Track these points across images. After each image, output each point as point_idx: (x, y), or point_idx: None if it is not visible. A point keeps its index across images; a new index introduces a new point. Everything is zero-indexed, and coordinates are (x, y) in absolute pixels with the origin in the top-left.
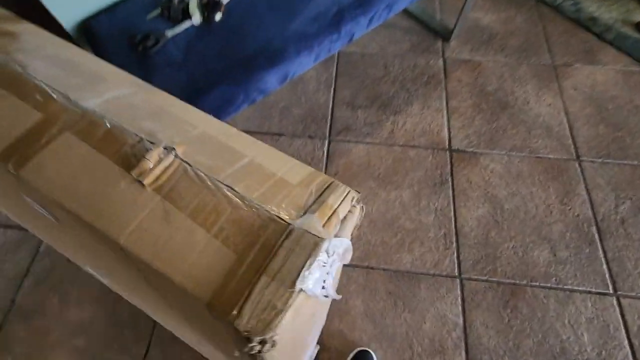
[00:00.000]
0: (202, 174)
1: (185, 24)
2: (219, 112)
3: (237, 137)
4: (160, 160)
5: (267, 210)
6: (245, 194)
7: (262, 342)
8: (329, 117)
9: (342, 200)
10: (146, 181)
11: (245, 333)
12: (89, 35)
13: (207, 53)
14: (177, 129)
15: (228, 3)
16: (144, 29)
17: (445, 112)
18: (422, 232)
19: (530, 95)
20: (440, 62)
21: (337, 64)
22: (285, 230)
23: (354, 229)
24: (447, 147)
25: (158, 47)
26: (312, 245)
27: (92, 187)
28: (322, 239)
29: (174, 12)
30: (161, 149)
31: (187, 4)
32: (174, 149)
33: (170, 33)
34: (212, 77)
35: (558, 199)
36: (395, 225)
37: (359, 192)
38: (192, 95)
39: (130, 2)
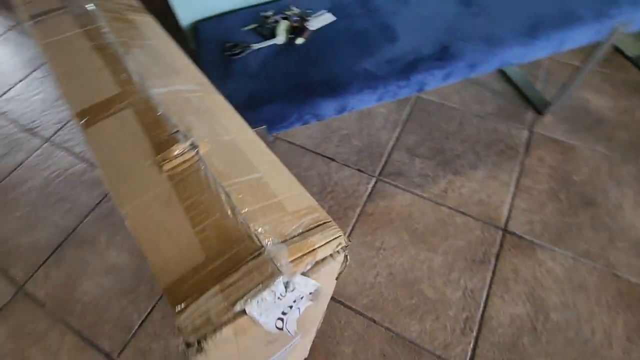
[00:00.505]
0: (210, 176)
1: (270, 42)
2: (271, 124)
3: (261, 153)
4: (183, 153)
5: (249, 227)
6: (238, 205)
7: (188, 344)
8: (385, 157)
9: (326, 242)
10: (165, 167)
11: (179, 329)
12: (196, 34)
13: (278, 70)
14: (212, 130)
15: (314, 31)
16: (237, 38)
17: (512, 188)
18: (441, 306)
19: (627, 201)
20: (525, 134)
21: (411, 108)
22: (255, 251)
23: (338, 274)
24: (502, 226)
25: (241, 55)
26: (268, 274)
27: (125, 159)
28: (279, 272)
29: (265, 30)
30: (188, 143)
31: (277, 25)
32: (197, 147)
33: (255, 46)
34: (273, 92)
35: (625, 333)
36: (414, 288)
37: (350, 241)
38: (253, 103)
39: (234, 14)
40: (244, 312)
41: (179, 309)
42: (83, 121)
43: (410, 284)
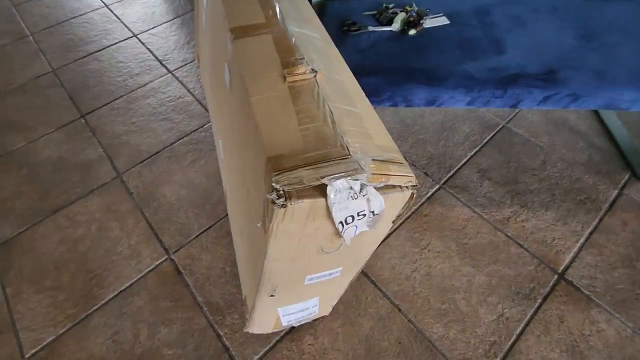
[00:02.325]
0: (321, 95)
1: (385, 28)
2: (366, 95)
3: (362, 98)
4: (304, 73)
5: (342, 138)
6: (338, 122)
7: (279, 196)
8: (454, 170)
9: (400, 175)
10: (288, 78)
11: (274, 183)
12: (322, 9)
13: (385, 51)
14: (328, 67)
15: (427, 28)
16: (356, 19)
17: (582, 239)
18: (470, 321)
19: None
20: (614, 194)
21: (494, 134)
22: (344, 155)
23: (397, 216)
24: (560, 271)
25: (357, 33)
26: (351, 167)
27: (260, 66)
28: (362, 170)
29: (383, 17)
30: (309, 67)
31: (395, 16)
32: (316, 72)
33: (371, 28)
34: (376, 68)
35: None
36: (448, 295)
37: (418, 186)
38: (355, 72)
39: (358, 1)
40: (324, 194)
41: (276, 173)
42: (233, 35)
43: (444, 290)
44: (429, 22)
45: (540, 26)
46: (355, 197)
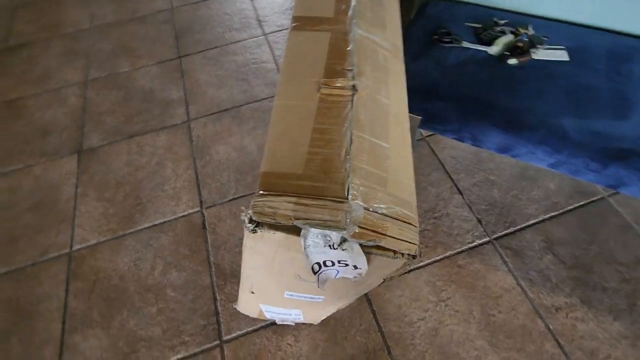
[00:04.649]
0: (349, 118)
1: (483, 47)
2: (428, 119)
3: (402, 132)
4: (342, 88)
5: (348, 177)
6: (353, 155)
7: (251, 221)
8: (515, 228)
9: (399, 239)
10: (322, 89)
11: (253, 204)
12: (422, 8)
13: (470, 76)
14: (376, 87)
15: (535, 60)
16: (453, 29)
17: None
18: None
19: None
20: None
21: (586, 203)
22: (339, 198)
23: (389, 277)
24: None
25: (447, 46)
26: (335, 220)
27: (301, 67)
28: (344, 227)
29: (485, 35)
30: (350, 83)
31: (501, 36)
32: (357, 90)
33: (465, 44)
34: (451, 93)
35: None
36: None
37: (417, 257)
38: (426, 91)
39: (468, 7)
40: (298, 232)
41: (262, 192)
42: (294, 24)
43: (445, 355)
44: (541, 54)
45: None
46: (334, 247)
